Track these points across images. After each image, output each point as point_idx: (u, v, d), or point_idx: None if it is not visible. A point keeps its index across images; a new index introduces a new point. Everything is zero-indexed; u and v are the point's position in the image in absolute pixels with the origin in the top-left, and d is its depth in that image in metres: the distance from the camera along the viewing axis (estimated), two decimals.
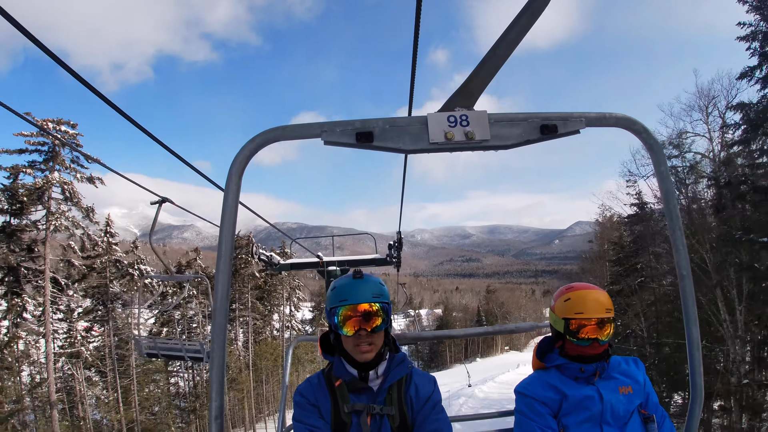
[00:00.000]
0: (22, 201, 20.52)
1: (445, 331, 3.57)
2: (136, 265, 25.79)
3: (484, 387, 39.78)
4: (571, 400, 2.07)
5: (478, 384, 41.03)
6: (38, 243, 21.83)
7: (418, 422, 1.87)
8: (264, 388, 41.43)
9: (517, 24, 1.79)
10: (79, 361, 24.01)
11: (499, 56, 1.84)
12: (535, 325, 3.38)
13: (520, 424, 2.12)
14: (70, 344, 23.45)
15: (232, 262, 1.83)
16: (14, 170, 21.56)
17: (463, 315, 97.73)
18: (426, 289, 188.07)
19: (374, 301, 1.83)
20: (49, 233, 21.28)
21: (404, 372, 1.91)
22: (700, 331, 2.17)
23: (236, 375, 37.78)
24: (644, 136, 2.00)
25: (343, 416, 1.84)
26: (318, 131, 1.82)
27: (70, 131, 21.86)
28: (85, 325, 26.01)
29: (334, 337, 1.94)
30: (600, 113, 1.97)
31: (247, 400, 38.75)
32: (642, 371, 2.21)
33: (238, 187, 1.77)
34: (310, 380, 1.96)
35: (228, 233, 1.78)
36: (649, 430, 2.08)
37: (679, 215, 2.09)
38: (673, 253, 2.08)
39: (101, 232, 25.31)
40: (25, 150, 21.17)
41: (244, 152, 1.78)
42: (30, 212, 21.55)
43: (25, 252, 22.09)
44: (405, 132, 1.85)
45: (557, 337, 2.21)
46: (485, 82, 1.89)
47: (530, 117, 1.90)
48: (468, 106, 1.91)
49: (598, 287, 2.16)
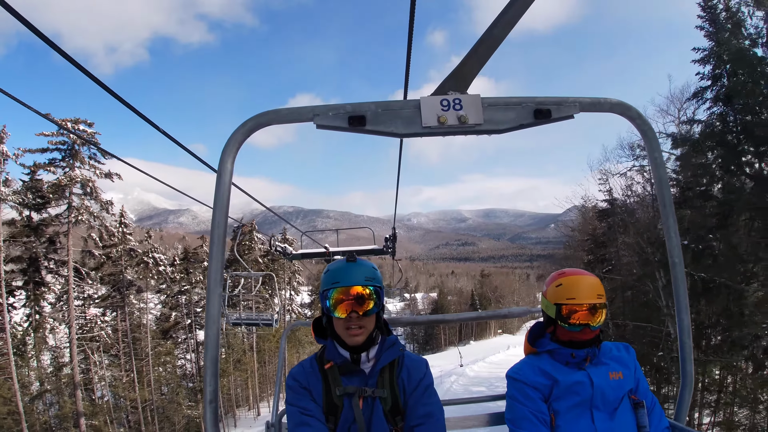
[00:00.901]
0: (47, 197, 22.13)
1: (439, 316, 3.61)
2: (150, 254, 27.60)
3: (474, 366, 42.00)
4: (561, 384, 2.08)
5: (469, 364, 43.32)
6: (60, 235, 23.51)
7: (410, 405, 1.89)
8: (267, 369, 43.55)
9: (513, 5, 1.81)
10: (98, 345, 25.90)
11: (494, 38, 1.85)
12: (528, 310, 3.38)
13: (511, 408, 2.13)
14: (89, 329, 25.30)
15: (226, 244, 1.84)
16: (35, 167, 23.11)
17: (458, 299, 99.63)
18: (422, 273, 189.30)
19: (367, 284, 1.84)
20: (71, 226, 22.94)
21: (396, 355, 1.93)
22: (649, 313, 2.96)
23: (241, 356, 39.82)
24: (638, 122, 2.02)
25: (335, 399, 1.85)
26: (310, 115, 1.84)
27: (88, 130, 23.35)
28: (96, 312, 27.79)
29: (327, 321, 1.95)
30: (594, 98, 1.98)
31: (251, 380, 40.98)
32: (633, 357, 2.22)
33: (231, 170, 1.80)
34: (303, 364, 1.97)
35: (221, 216, 1.80)
36: (639, 415, 2.08)
37: (672, 203, 2.11)
38: (665, 240, 2.12)
39: (116, 223, 26.97)
40: (47, 149, 22.71)
41: (236, 136, 1.80)
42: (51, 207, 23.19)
43: (46, 244, 23.80)
44: (398, 116, 1.87)
45: (549, 323, 2.22)
46: (480, 64, 1.91)
47: (524, 101, 1.90)
48: (462, 89, 1.92)
49: (590, 273, 2.17)
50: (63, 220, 23.00)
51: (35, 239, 23.07)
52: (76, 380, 23.49)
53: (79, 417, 23.49)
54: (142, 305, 30.52)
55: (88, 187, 22.72)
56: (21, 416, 20.70)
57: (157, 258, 27.66)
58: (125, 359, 28.25)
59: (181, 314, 37.33)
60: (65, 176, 22.45)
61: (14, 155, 21.68)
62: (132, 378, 27.80)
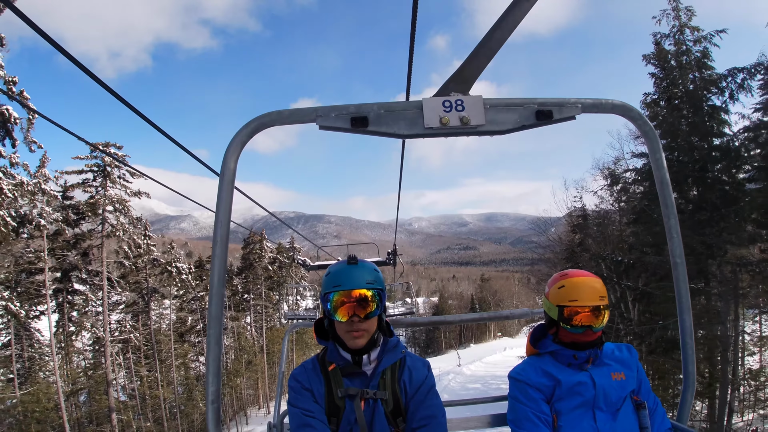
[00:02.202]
0: (83, 213, 24.84)
1: (442, 317, 3.63)
2: (173, 263, 30.27)
3: (471, 366, 44.42)
4: (564, 385, 2.08)
5: (467, 364, 45.80)
6: (93, 248, 26.16)
7: (412, 408, 1.88)
8: (276, 370, 45.98)
9: (514, 9, 1.83)
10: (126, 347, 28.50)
11: (495, 41, 1.87)
12: (530, 311, 3.37)
13: (513, 409, 2.13)
14: (119, 332, 27.92)
15: (228, 246, 1.85)
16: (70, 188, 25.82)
17: (458, 303, 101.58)
18: (423, 277, 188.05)
19: (368, 287, 1.84)
20: (104, 240, 25.59)
21: (397, 357, 1.93)
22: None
23: (252, 357, 42.34)
24: (640, 123, 2.05)
25: (337, 400, 1.85)
26: (313, 116, 1.86)
27: (118, 153, 26.03)
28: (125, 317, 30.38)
29: (328, 323, 1.94)
30: (596, 99, 2.00)
31: (261, 380, 43.49)
32: (635, 358, 2.22)
33: (234, 171, 1.81)
34: (305, 365, 1.96)
35: (224, 218, 1.82)
36: (641, 416, 2.08)
37: (674, 203, 2.13)
38: (667, 240, 2.14)
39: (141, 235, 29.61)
40: (83, 170, 25.38)
41: (239, 137, 1.82)
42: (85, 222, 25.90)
43: (79, 256, 26.42)
44: (400, 117, 1.89)
45: (551, 324, 2.22)
46: (481, 66, 1.92)
47: (526, 102, 1.93)
48: (463, 91, 1.93)
49: (592, 275, 2.16)
50: (96, 235, 25.67)
51: (70, 251, 25.72)
52: (108, 379, 26.02)
53: (111, 412, 26.02)
54: (162, 310, 33.12)
55: (121, 205, 25.44)
56: (62, 411, 23.22)
57: (180, 267, 30.24)
58: (147, 361, 30.82)
59: (196, 318, 39.90)
60: (100, 195, 25.16)
61: (54, 177, 24.31)
62: (155, 377, 30.33)
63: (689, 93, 15.99)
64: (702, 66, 15.99)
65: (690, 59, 16.17)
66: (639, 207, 16.94)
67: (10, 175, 18.84)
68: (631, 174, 18.88)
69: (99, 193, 25.64)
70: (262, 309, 44.68)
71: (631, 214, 18.38)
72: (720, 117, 15.56)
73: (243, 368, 40.55)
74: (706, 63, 16.01)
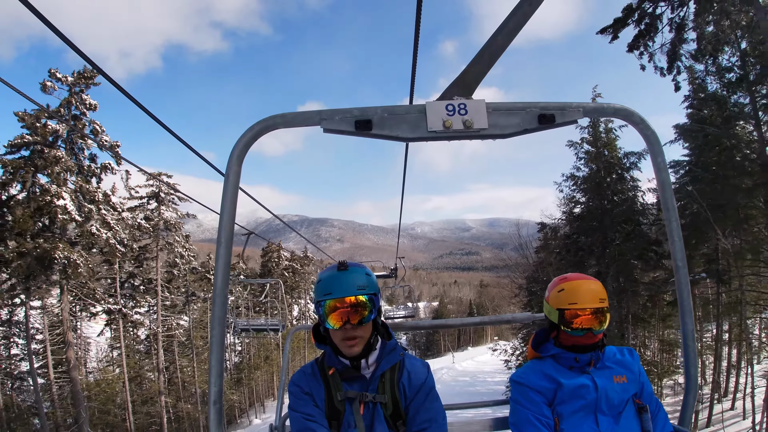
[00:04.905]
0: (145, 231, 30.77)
1: (442, 321, 3.68)
2: (211, 271, 35.90)
3: (463, 363, 50.27)
4: (565, 388, 2.08)
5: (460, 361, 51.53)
6: (149, 260, 32.03)
7: (412, 410, 1.89)
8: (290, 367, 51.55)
9: (517, 13, 1.85)
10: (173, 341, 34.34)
11: (498, 45, 1.89)
12: (531, 315, 3.33)
13: (515, 412, 2.14)
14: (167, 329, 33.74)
15: (232, 249, 1.88)
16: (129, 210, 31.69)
17: (457, 307, 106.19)
18: (425, 282, 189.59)
19: (359, 293, 1.81)
20: (159, 253, 31.44)
21: (396, 359, 1.93)
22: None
23: (269, 353, 47.91)
24: (641, 127, 2.05)
25: (337, 404, 1.86)
26: (317, 119, 1.86)
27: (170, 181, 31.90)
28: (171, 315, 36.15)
29: (324, 329, 1.93)
30: (598, 103, 2.05)
31: (277, 374, 49.02)
32: (637, 361, 2.22)
33: (238, 173, 1.83)
34: (304, 370, 1.98)
35: (228, 219, 1.83)
36: (644, 420, 2.08)
37: (675, 207, 2.12)
38: (669, 244, 2.12)
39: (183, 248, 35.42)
40: (143, 197, 31.27)
41: (244, 139, 1.84)
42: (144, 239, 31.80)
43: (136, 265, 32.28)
44: (403, 120, 1.89)
45: (552, 328, 2.22)
46: (484, 70, 1.94)
47: (528, 106, 1.94)
48: (467, 94, 1.95)
49: (592, 278, 2.16)
50: (153, 249, 31.56)
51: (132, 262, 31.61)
52: (159, 367, 31.79)
53: (160, 395, 31.74)
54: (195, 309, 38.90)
55: (174, 227, 31.47)
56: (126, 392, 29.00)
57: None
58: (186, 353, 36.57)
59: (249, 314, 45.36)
60: (157, 216, 31.05)
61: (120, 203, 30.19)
62: (193, 366, 36.11)
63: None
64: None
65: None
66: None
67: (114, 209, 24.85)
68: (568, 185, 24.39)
69: (154, 214, 31.50)
70: (268, 311, 50.28)
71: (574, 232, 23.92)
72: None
73: (262, 362, 46.11)
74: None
